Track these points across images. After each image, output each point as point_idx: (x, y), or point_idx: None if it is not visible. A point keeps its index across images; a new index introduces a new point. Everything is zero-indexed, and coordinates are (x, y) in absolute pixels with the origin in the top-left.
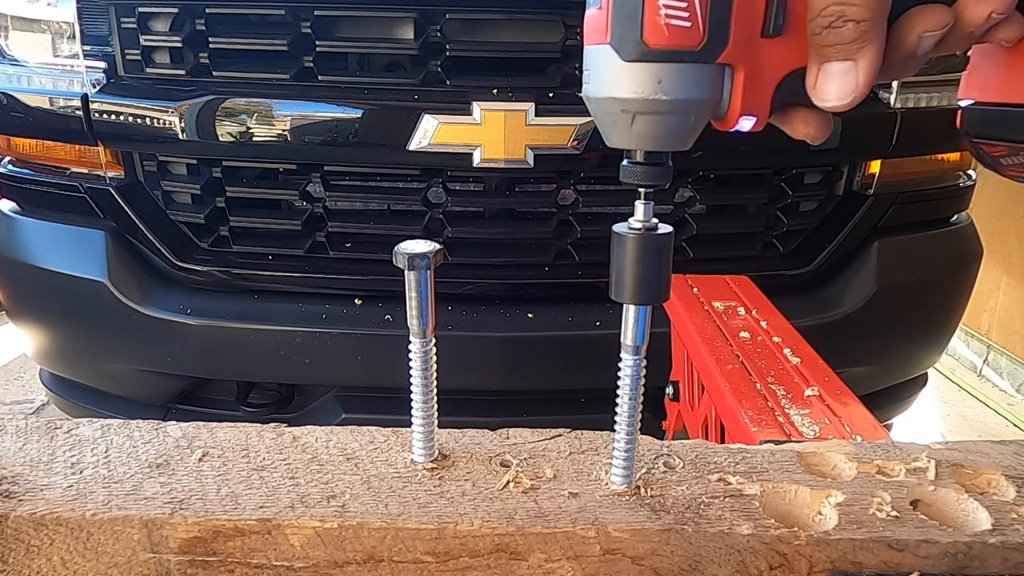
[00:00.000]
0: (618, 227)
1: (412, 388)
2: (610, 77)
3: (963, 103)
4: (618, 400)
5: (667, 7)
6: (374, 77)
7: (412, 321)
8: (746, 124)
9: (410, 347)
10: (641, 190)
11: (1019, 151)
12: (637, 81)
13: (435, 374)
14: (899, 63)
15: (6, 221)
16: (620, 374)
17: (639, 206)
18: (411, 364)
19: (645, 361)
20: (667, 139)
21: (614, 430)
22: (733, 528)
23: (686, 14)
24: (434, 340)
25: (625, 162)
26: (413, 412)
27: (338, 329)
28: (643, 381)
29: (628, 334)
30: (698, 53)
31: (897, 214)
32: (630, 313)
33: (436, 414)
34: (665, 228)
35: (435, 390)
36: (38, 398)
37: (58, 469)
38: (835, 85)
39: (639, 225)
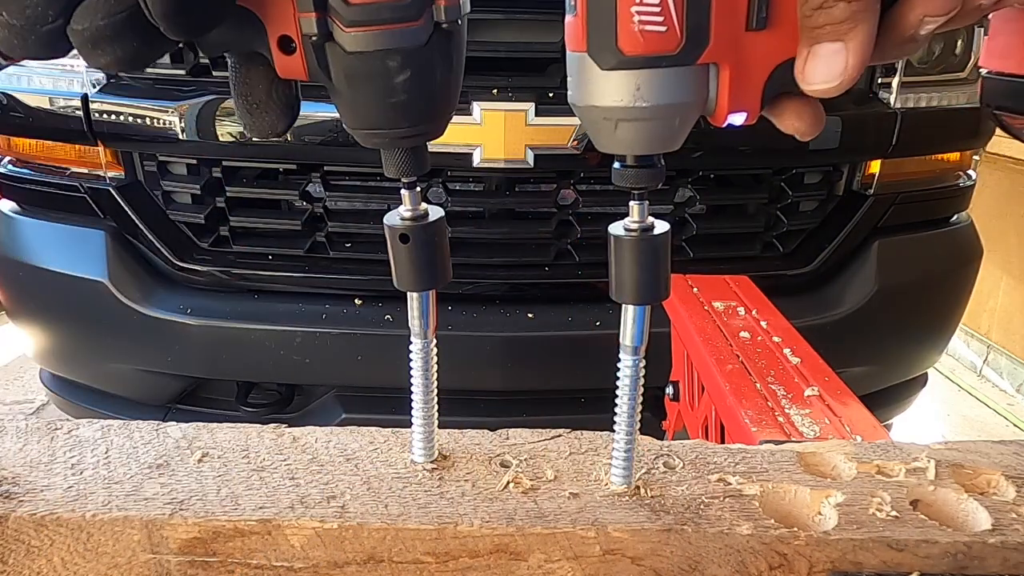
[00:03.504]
0: (614, 228)
1: (412, 388)
2: (590, 85)
3: (983, 71)
4: (617, 400)
5: (641, 13)
6: None
7: (413, 321)
8: (737, 119)
9: (411, 347)
10: (634, 191)
11: None
12: (615, 89)
13: (435, 374)
14: (900, 45)
15: (6, 221)
16: (619, 375)
17: (634, 207)
18: (412, 364)
19: (644, 361)
20: (654, 142)
21: (614, 430)
22: (733, 528)
23: (660, 19)
24: (435, 340)
25: (616, 165)
26: (413, 412)
27: (338, 329)
28: (642, 381)
29: (627, 334)
30: (677, 57)
31: (897, 214)
32: (629, 313)
33: (436, 414)
34: (661, 227)
35: (435, 390)
36: (38, 398)
37: (58, 470)
38: (822, 67)
39: (635, 226)
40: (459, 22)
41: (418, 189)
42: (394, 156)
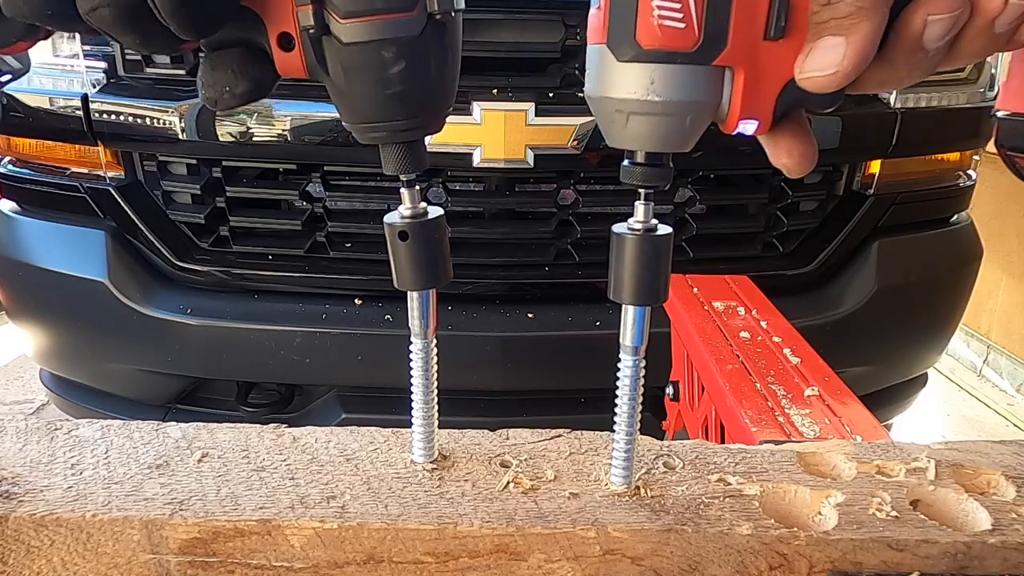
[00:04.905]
0: (617, 227)
1: (412, 389)
2: (606, 77)
3: (1000, 114)
4: (617, 401)
5: (660, 8)
6: None
7: (413, 321)
8: (748, 128)
9: (411, 347)
10: (641, 191)
11: None
12: (630, 81)
13: (435, 375)
14: (906, 56)
15: (6, 221)
16: (619, 375)
17: (639, 207)
18: (412, 365)
19: (644, 362)
20: (665, 140)
21: (613, 430)
22: (733, 528)
23: (680, 15)
24: (435, 340)
25: (625, 162)
26: (413, 412)
27: (338, 329)
28: (642, 382)
29: (627, 335)
30: (693, 55)
31: (897, 214)
32: (629, 314)
33: (436, 414)
34: (664, 229)
35: (435, 390)
36: (38, 398)
37: (58, 470)
38: (819, 57)
39: (639, 226)
40: (452, 14)
41: (417, 188)
42: (392, 152)
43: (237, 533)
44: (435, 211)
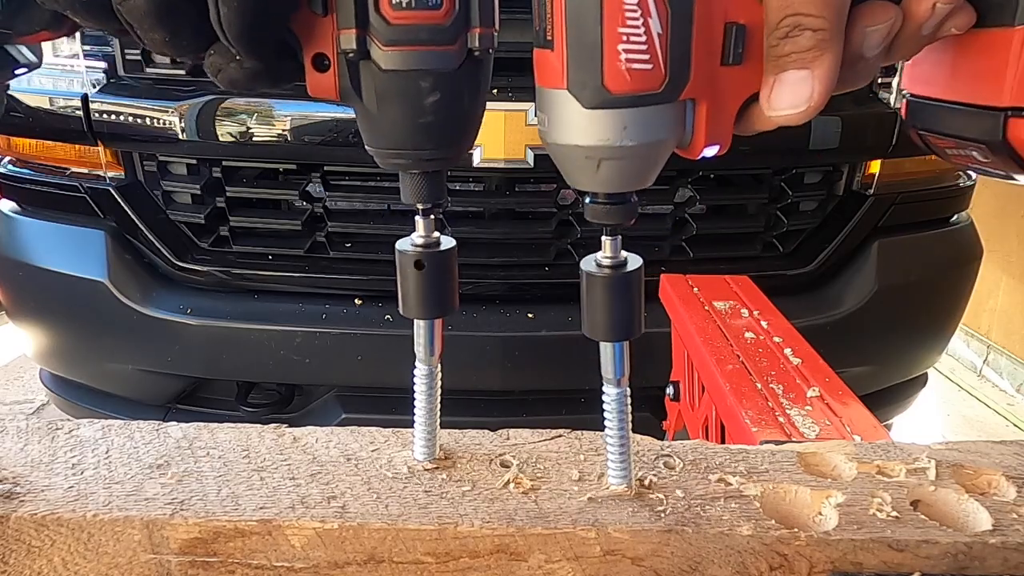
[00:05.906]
0: (586, 265)
1: (415, 408)
2: (571, 124)
3: (907, 94)
4: (606, 424)
5: (627, 51)
6: None
7: (418, 348)
8: (710, 152)
9: (415, 372)
10: (607, 227)
11: (966, 145)
12: (601, 128)
13: (439, 396)
14: (849, 66)
15: (6, 221)
16: (605, 406)
17: (607, 242)
18: (415, 388)
19: (629, 390)
20: (632, 180)
21: (606, 441)
22: (733, 529)
23: (647, 56)
24: (439, 365)
25: (588, 200)
26: (415, 412)
27: (338, 329)
28: (630, 409)
29: (608, 368)
30: (661, 94)
31: (897, 214)
32: (607, 349)
33: (439, 417)
34: (635, 262)
35: (439, 410)
36: (38, 398)
37: (59, 470)
38: (788, 94)
39: (608, 262)
40: (489, 52)
41: (432, 217)
42: (413, 181)
43: (238, 533)
44: (448, 242)
